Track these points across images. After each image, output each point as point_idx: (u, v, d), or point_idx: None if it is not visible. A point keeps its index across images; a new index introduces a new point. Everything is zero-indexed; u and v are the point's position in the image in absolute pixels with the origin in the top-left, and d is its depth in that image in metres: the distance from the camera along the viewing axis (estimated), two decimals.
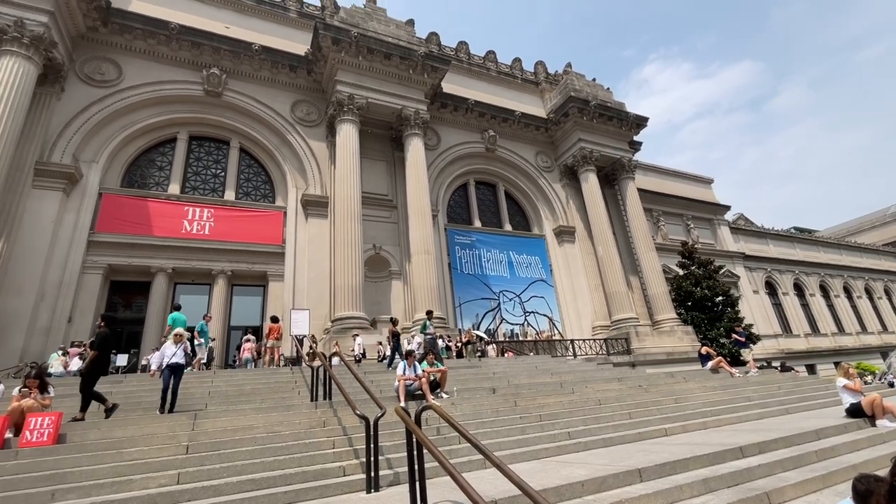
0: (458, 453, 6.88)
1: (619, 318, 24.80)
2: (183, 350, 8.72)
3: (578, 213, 28.38)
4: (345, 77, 21.53)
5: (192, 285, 19.04)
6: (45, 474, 5.55)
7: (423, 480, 4.85)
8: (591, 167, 27.92)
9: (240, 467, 6.15)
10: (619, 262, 26.23)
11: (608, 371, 15.86)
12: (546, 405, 9.77)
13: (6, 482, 5.34)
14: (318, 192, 21.42)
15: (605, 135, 29.27)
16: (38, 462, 5.81)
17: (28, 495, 5.09)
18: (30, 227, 16.01)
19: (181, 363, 8.65)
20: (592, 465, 5.92)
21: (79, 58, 18.88)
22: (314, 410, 8.48)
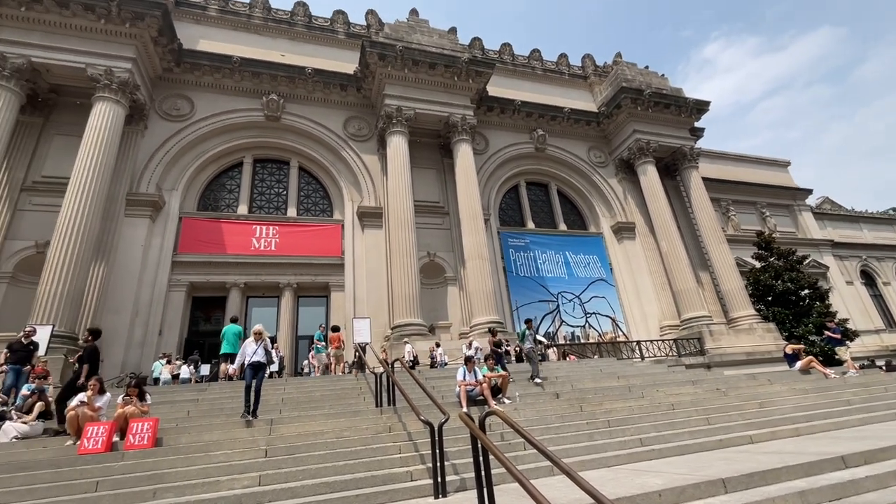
0: (524, 460, 6.77)
1: (689, 317, 23.28)
2: (264, 348, 8.56)
3: (637, 207, 27.08)
4: (392, 90, 22.17)
5: (262, 298, 20.33)
6: (147, 474, 6.14)
7: (491, 487, 4.82)
8: (648, 159, 26.58)
9: (313, 470, 6.44)
10: (685, 257, 24.67)
11: (680, 374, 14.91)
12: (614, 410, 9.36)
13: (116, 481, 5.97)
14: (372, 203, 22.13)
15: (663, 124, 27.78)
16: (141, 463, 6.44)
17: (134, 493, 5.66)
18: (124, 251, 17.91)
19: (262, 361, 8.52)
20: (669, 474, 5.58)
21: (157, 97, 20.94)
22: (380, 416, 8.71)
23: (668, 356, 21.00)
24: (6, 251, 16.56)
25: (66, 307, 14.70)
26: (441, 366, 16.01)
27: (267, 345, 8.71)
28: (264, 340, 8.68)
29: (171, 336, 17.95)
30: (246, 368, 8.44)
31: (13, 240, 16.73)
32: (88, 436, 6.72)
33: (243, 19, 24.43)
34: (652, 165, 26.50)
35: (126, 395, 7.71)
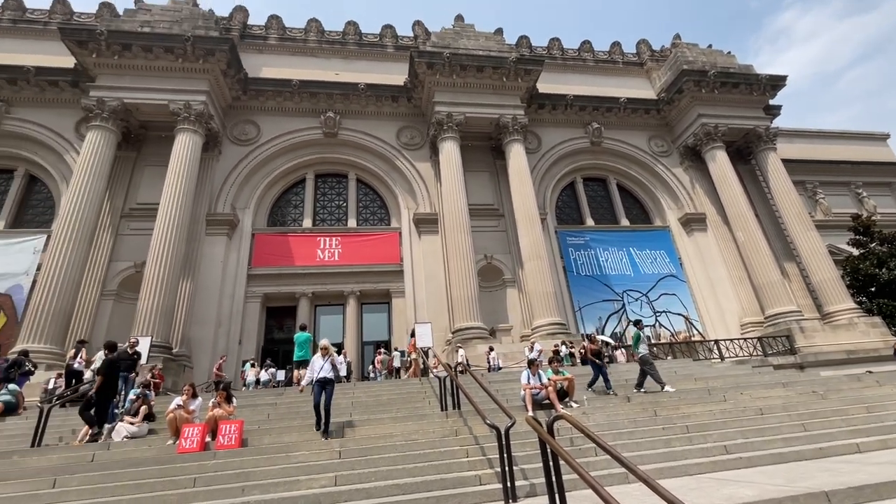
0: (595, 466, 6.52)
1: (775, 313, 21.25)
2: (331, 364, 8.32)
3: (707, 197, 25.25)
4: (442, 97, 22.46)
5: (328, 306, 21.33)
6: (236, 472, 6.64)
7: (563, 493, 4.70)
8: (717, 144, 24.72)
9: (385, 472, 6.63)
10: (766, 247, 22.60)
11: (767, 375, 13.65)
12: (692, 415, 8.77)
13: (210, 478, 6.52)
14: (427, 209, 22.50)
15: (732, 105, 25.74)
16: (230, 462, 6.99)
17: (226, 489, 6.15)
18: (206, 268, 19.59)
19: (329, 377, 8.25)
20: (761, 485, 5.12)
21: (228, 124, 22.77)
22: (445, 420, 8.80)
23: (751, 356, 19.28)
24: (111, 272, 18.73)
25: (161, 320, 16.35)
26: (495, 370, 15.84)
27: (334, 360, 8.47)
28: (331, 356, 8.47)
29: (250, 344, 19.32)
30: (314, 385, 8.22)
31: (116, 261, 18.89)
32: (185, 436, 7.41)
33: (300, 44, 25.96)
34: (721, 151, 24.62)
35: (215, 399, 8.40)
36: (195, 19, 21.60)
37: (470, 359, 16.07)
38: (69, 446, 8.34)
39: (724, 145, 24.95)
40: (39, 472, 6.82)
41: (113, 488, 6.23)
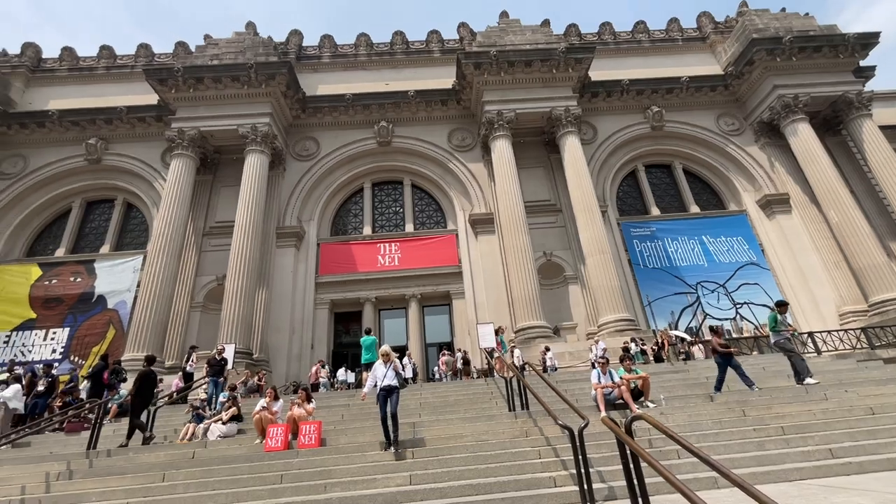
0: (679, 469, 6.13)
1: (881, 300, 18.85)
2: (394, 370, 7.88)
3: (790, 175, 22.97)
4: (491, 96, 22.35)
5: (391, 310, 21.94)
6: (317, 470, 7.01)
7: (647, 497, 4.47)
8: (798, 116, 22.42)
9: (457, 472, 6.68)
10: (865, 226, 20.11)
11: (877, 370, 12.11)
12: (788, 415, 8.00)
13: (295, 475, 6.94)
14: (482, 210, 22.46)
15: (814, 71, 23.24)
16: (311, 460, 7.38)
17: (310, 486, 6.51)
18: (278, 278, 20.90)
19: (393, 385, 7.77)
20: (881, 494, 4.56)
21: (290, 141, 24.18)
22: (514, 420, 8.71)
23: (854, 349, 17.22)
24: (197, 285, 20.55)
25: (242, 328, 17.68)
26: (552, 370, 15.35)
27: (397, 366, 8.01)
28: (393, 362, 8.01)
29: (321, 349, 20.34)
30: (378, 394, 7.76)
31: (201, 276, 20.70)
32: (271, 436, 7.95)
33: (350, 59, 27.02)
34: (804, 123, 22.29)
35: (296, 400, 8.93)
36: (256, 47, 23.21)
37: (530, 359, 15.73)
38: (173, 444, 9.25)
39: (807, 117, 22.57)
40: (151, 467, 7.62)
41: (213, 483, 6.82)
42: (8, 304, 20.71)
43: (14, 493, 6.97)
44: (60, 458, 8.43)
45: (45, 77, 25.93)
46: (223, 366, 12.49)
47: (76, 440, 9.96)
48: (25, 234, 22.96)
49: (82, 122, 23.43)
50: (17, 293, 20.91)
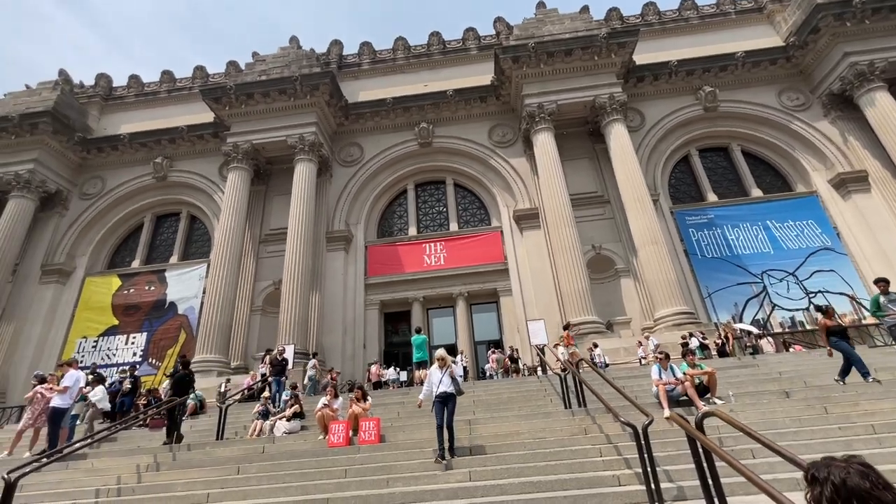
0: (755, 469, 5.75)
1: None
2: (450, 376, 7.37)
3: (867, 150, 20.94)
4: (531, 89, 21.99)
5: (439, 309, 22.14)
6: (379, 465, 7.22)
7: (724, 498, 4.25)
8: (874, 84, 20.38)
9: (517, 470, 6.66)
10: None
11: None
12: (879, 412, 7.32)
13: (358, 469, 7.17)
14: (526, 205, 22.16)
15: (890, 34, 21.04)
16: (373, 456, 7.61)
17: (373, 481, 6.71)
18: (330, 281, 21.67)
19: (450, 392, 7.29)
20: None
21: (335, 148, 24.97)
22: (572, 418, 8.54)
23: None
24: (256, 290, 21.71)
25: (299, 330, 18.50)
26: (602, 366, 14.79)
27: (453, 371, 7.55)
28: (449, 367, 7.53)
29: (372, 348, 20.88)
30: (434, 402, 7.33)
31: (259, 281, 21.84)
32: (333, 432, 8.28)
33: (389, 63, 27.49)
34: (882, 91, 20.23)
35: (353, 398, 9.24)
36: (300, 60, 24.17)
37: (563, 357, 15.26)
38: (244, 440, 9.84)
39: (886, 84, 20.47)
40: (227, 461, 8.16)
41: (283, 476, 7.20)
42: (95, 312, 22.85)
43: (111, 483, 7.69)
44: (148, 451, 9.21)
45: (116, 104, 28.34)
46: (284, 365, 13.14)
47: (159, 435, 10.83)
48: (106, 248, 25.22)
49: (149, 142, 25.40)
50: (102, 302, 23.02)
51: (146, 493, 7.22)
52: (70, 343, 22.16)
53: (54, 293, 22.97)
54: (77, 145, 25.09)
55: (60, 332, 22.46)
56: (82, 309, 22.99)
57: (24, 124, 23.26)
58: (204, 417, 12.57)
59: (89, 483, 7.87)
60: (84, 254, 24.31)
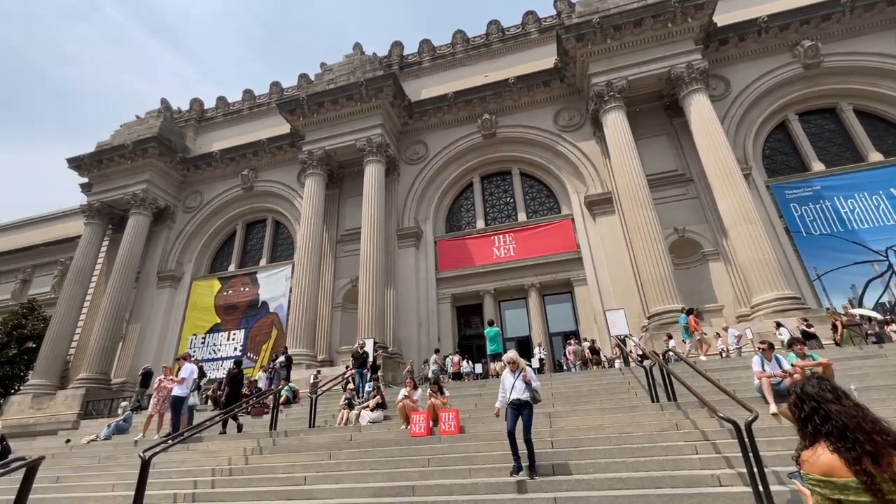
0: None
1: None
2: (523, 381, 6.43)
3: None
4: (597, 67, 20.86)
5: (511, 301, 21.94)
6: (460, 456, 7.33)
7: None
8: None
9: (602, 465, 6.41)
10: None
11: None
12: None
13: (440, 459, 7.35)
14: (598, 190, 21.14)
15: None
16: (454, 447, 7.75)
17: (455, 470, 6.84)
18: (403, 276, 22.34)
19: (524, 399, 6.38)
20: None
21: (401, 148, 25.59)
22: (660, 412, 8.04)
23: None
24: (335, 288, 23.01)
25: (376, 324, 19.31)
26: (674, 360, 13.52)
27: (527, 376, 6.51)
28: (522, 370, 6.57)
29: (447, 341, 21.23)
30: (507, 409, 6.49)
31: (338, 279, 23.12)
32: (414, 422, 8.55)
33: (449, 58, 27.55)
34: None
35: (431, 392, 9.47)
36: (364, 65, 25.05)
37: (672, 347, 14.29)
38: (333, 428, 10.51)
39: None
40: (319, 447, 8.76)
41: (370, 463, 7.58)
42: (202, 311, 25.68)
43: (224, 463, 8.60)
44: (251, 436, 10.17)
45: (207, 125, 31.42)
46: (365, 358, 13.80)
47: (260, 422, 11.92)
48: (207, 254, 28.17)
49: (236, 157, 27.86)
50: (207, 303, 25.79)
51: (253, 474, 7.99)
52: (183, 339, 25.12)
53: (168, 296, 26.14)
54: (179, 164, 28.22)
55: (175, 329, 25.53)
56: (191, 309, 25.93)
57: (136, 150, 26.60)
58: (296, 406, 13.60)
59: (206, 463, 8.87)
60: (190, 260, 27.36)
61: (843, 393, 1.92)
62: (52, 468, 9.74)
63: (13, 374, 24.53)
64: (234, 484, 7.74)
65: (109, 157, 26.91)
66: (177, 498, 7.33)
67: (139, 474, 6.75)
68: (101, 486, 8.48)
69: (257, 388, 14.61)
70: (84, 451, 11.51)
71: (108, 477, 8.91)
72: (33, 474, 5.20)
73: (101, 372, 22.33)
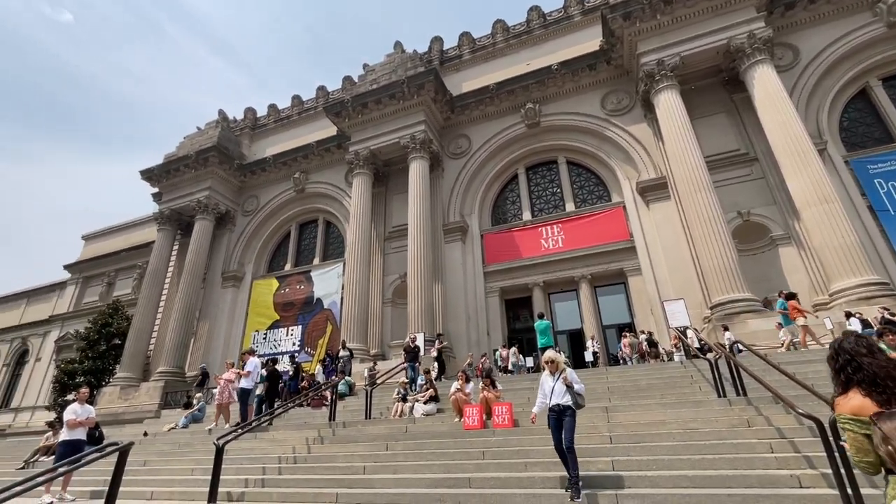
0: None
1: None
2: (564, 382, 5.86)
3: None
4: (646, 46, 19.80)
5: (561, 293, 21.46)
6: (515, 449, 7.29)
7: None
8: None
9: (666, 462, 6.14)
10: None
11: None
12: None
13: (495, 452, 7.34)
14: (651, 175, 20.14)
15: None
16: (508, 440, 7.72)
17: (511, 464, 6.81)
18: (450, 271, 22.46)
19: (566, 404, 5.79)
20: None
21: (444, 143, 25.64)
22: (729, 408, 7.57)
23: None
24: (385, 284, 23.52)
25: (426, 319, 19.55)
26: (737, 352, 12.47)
27: (569, 378, 5.88)
28: (563, 372, 5.97)
29: (496, 335, 21.15)
30: (548, 416, 6.03)
31: (387, 275, 23.63)
32: (467, 415, 8.59)
33: (489, 49, 27.19)
34: None
35: (483, 386, 9.47)
36: (405, 63, 25.27)
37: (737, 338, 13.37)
38: (388, 419, 10.79)
39: None
40: (376, 437, 9.03)
41: (426, 454, 7.71)
42: (262, 309, 27.20)
43: (288, 452, 9.09)
44: (312, 427, 10.66)
45: (261, 132, 33.06)
46: (416, 352, 14.03)
47: (320, 413, 12.46)
48: (265, 255, 29.75)
49: (288, 161, 29.13)
50: (267, 301, 27.27)
51: (316, 463, 8.37)
52: (247, 336, 26.72)
53: (232, 295, 27.89)
54: (236, 171, 29.94)
55: (239, 326, 27.22)
56: (253, 307, 27.53)
57: (198, 159, 28.49)
58: (352, 399, 14.09)
59: (272, 451, 9.41)
60: (250, 261, 29.01)
61: (878, 349, 2.28)
62: (140, 453, 10.72)
63: (103, 368, 27.17)
64: (298, 471, 8.16)
65: (175, 168, 29.03)
66: (248, 483, 7.83)
67: (214, 460, 7.27)
68: (182, 470, 9.23)
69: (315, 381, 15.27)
70: (166, 438, 12.57)
71: (188, 462, 9.68)
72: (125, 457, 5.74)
73: (177, 366, 24.25)
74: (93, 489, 8.89)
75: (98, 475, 9.34)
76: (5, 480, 8.69)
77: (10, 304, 41.40)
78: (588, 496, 5.48)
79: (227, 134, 30.79)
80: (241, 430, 9.34)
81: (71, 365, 27.27)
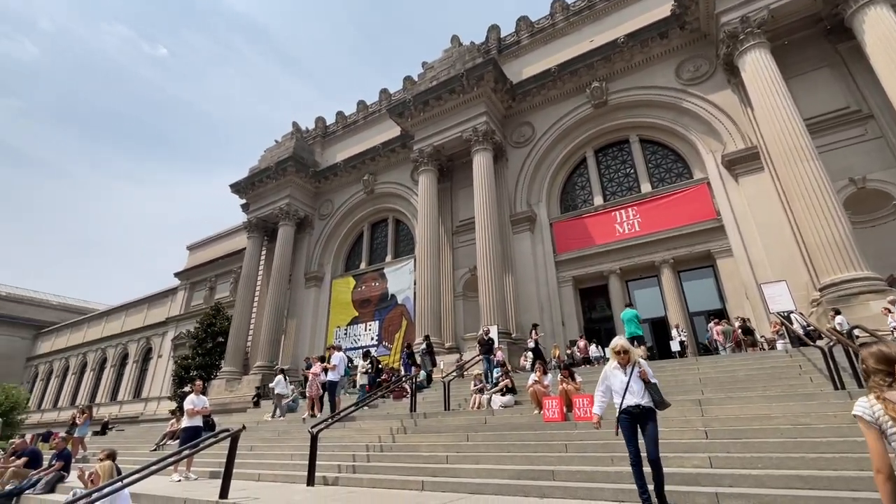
0: None
1: None
2: (640, 376, 4.87)
3: None
4: (726, 3, 17.86)
5: (640, 280, 20.29)
6: (601, 443, 7.04)
7: None
8: None
9: (774, 460, 5.60)
10: None
11: None
12: None
13: (578, 445, 7.16)
14: (739, 146, 18.27)
15: None
16: (592, 433, 7.44)
17: (596, 458, 6.61)
18: (520, 262, 22.15)
19: (645, 405, 4.77)
20: None
21: (507, 132, 25.24)
22: (849, 401, 6.67)
23: None
24: (455, 278, 23.79)
25: (497, 311, 19.50)
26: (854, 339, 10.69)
27: (645, 372, 4.92)
28: (637, 365, 4.96)
29: (572, 325, 20.53)
30: (620, 419, 4.93)
31: (457, 269, 23.87)
32: (547, 407, 8.47)
33: (549, 30, 26.21)
34: None
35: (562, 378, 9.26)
36: (462, 56, 25.18)
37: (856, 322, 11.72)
38: (467, 411, 10.95)
39: None
40: (456, 428, 9.22)
41: (506, 446, 7.73)
42: (342, 306, 28.86)
43: (374, 441, 9.58)
44: (395, 417, 11.13)
45: (331, 139, 34.89)
46: (491, 345, 14.06)
47: (401, 405, 12.97)
48: (342, 255, 31.46)
49: (357, 164, 30.45)
50: (346, 299, 28.87)
51: (400, 451, 8.75)
52: (330, 332, 28.52)
53: (314, 294, 29.88)
54: (311, 178, 31.93)
55: (322, 323, 29.11)
56: (333, 305, 29.29)
57: (277, 170, 30.76)
58: (430, 391, 14.48)
59: (360, 439, 9.98)
60: (328, 262, 30.86)
61: None
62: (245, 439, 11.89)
63: (211, 363, 30.52)
64: (384, 459, 8.58)
65: (259, 179, 31.62)
66: (341, 469, 8.38)
67: (310, 447, 7.87)
68: (283, 455, 10.11)
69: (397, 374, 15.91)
70: (267, 426, 13.85)
71: (287, 448, 10.59)
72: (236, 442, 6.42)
73: (271, 360, 26.54)
74: (211, 470, 10.06)
75: (213, 458, 10.54)
76: (143, 460, 10.11)
77: (136, 308, 47.92)
78: (684, 494, 5.15)
79: (301, 143, 32.89)
80: (331, 419, 10.01)
81: (185, 361, 31.02)
